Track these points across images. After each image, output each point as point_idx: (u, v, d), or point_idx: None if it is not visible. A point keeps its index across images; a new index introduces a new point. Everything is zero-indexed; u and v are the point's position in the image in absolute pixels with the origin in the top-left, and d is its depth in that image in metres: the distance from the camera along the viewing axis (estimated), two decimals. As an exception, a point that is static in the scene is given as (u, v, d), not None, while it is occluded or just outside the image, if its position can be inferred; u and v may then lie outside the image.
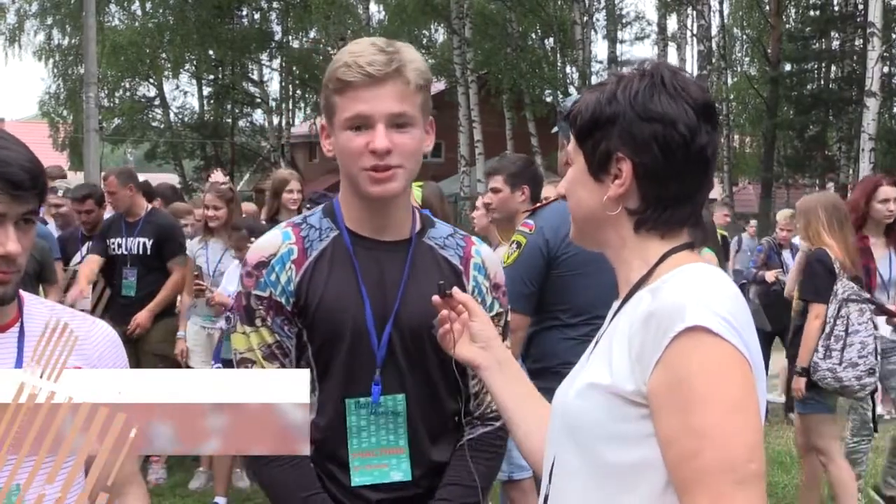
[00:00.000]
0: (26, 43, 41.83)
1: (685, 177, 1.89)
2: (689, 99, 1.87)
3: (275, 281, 2.52)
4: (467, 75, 32.21)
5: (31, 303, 2.36)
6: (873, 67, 24.43)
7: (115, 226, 8.19)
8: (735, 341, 1.69)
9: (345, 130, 2.45)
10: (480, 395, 2.66)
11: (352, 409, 2.52)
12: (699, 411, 1.65)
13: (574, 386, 1.89)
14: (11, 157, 2.11)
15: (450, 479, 2.58)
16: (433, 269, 2.61)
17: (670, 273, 1.84)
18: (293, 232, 2.58)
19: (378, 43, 2.48)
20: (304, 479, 2.50)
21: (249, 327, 2.54)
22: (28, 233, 2.18)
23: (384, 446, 2.55)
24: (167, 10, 40.04)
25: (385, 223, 2.57)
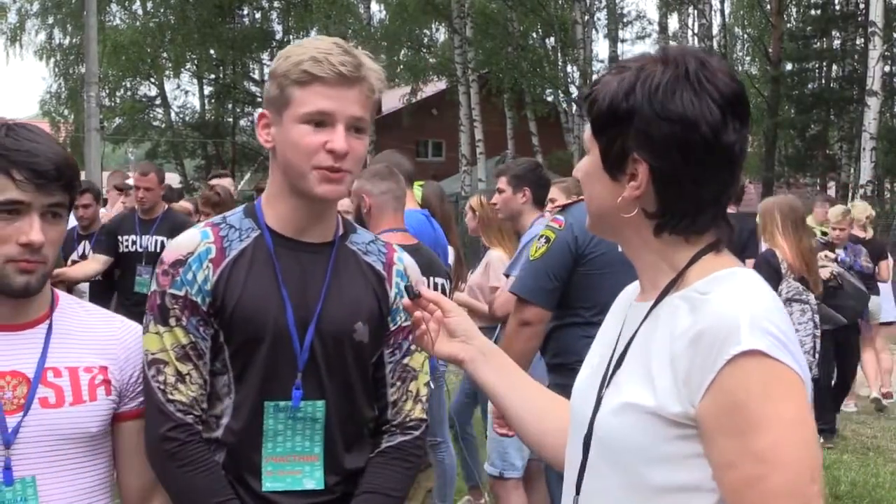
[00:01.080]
0: (27, 42, 41.87)
1: (708, 180, 1.78)
2: (716, 93, 1.75)
3: (191, 280, 2.44)
4: (468, 74, 32.14)
5: (65, 303, 2.38)
6: (874, 67, 24.38)
7: (128, 223, 8.23)
8: (788, 360, 1.64)
9: (299, 124, 2.39)
10: (399, 404, 2.62)
11: (270, 412, 2.47)
12: (760, 436, 1.61)
13: (608, 404, 1.81)
14: (39, 149, 2.16)
15: (367, 486, 2.54)
16: (356, 274, 2.58)
17: (705, 281, 1.76)
18: (212, 231, 2.51)
19: (342, 44, 2.44)
20: (216, 482, 2.44)
21: (163, 327, 2.44)
22: (56, 226, 2.22)
23: (298, 452, 2.50)
24: (168, 10, 39.98)
25: (312, 224, 2.53)
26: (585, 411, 1.87)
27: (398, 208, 4.84)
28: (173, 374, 2.43)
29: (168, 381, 2.42)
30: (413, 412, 2.64)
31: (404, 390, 2.63)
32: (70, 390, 2.28)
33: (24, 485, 2.21)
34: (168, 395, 2.42)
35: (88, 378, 2.31)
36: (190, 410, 2.43)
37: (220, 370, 2.48)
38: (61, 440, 2.26)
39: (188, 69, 43.04)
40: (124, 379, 2.38)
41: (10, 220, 2.15)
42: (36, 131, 2.24)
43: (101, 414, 2.33)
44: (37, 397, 2.23)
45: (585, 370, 1.99)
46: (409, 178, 5.84)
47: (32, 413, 2.22)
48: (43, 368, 2.26)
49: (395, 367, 2.62)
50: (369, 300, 2.56)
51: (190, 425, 2.43)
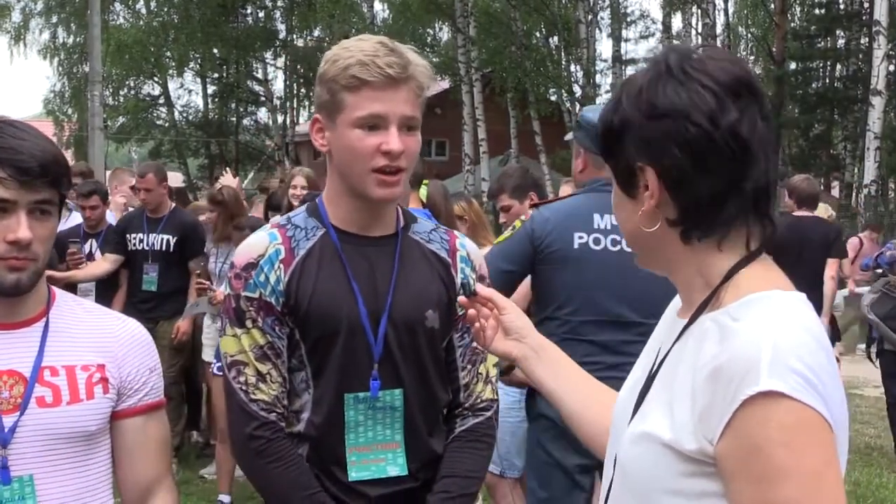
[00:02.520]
0: (31, 41, 41.92)
1: (717, 169, 1.67)
2: (707, 79, 1.67)
3: (264, 282, 2.49)
4: (472, 74, 32.20)
5: (62, 300, 2.38)
6: (879, 66, 24.40)
7: (136, 222, 8.27)
8: (813, 402, 1.52)
9: (354, 129, 2.44)
10: (471, 386, 2.67)
11: (350, 404, 2.52)
12: (778, 485, 1.51)
13: (632, 429, 1.76)
14: (23, 146, 2.15)
15: (447, 471, 2.59)
16: (422, 263, 2.62)
17: (738, 304, 1.66)
18: (279, 232, 2.56)
19: (387, 43, 2.48)
20: (302, 478, 2.49)
21: (240, 329, 2.51)
22: (45, 223, 2.21)
23: (380, 441, 2.55)
24: (172, 9, 40.10)
25: (373, 221, 2.58)
26: (621, 426, 1.83)
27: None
28: (254, 374, 2.50)
29: (249, 382, 2.49)
30: (484, 393, 2.69)
31: (475, 373, 2.68)
32: (67, 389, 2.27)
33: (21, 484, 2.21)
34: (251, 394, 2.49)
35: (86, 376, 2.31)
36: (273, 408, 2.50)
37: (297, 367, 2.54)
38: (59, 439, 2.25)
39: (191, 68, 43.17)
40: (122, 377, 2.37)
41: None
42: (23, 128, 2.23)
43: (100, 412, 2.32)
44: (34, 396, 2.22)
45: (629, 382, 1.94)
46: (418, 178, 5.86)
47: (29, 412, 2.21)
48: (39, 367, 2.25)
49: (465, 350, 2.67)
50: (437, 287, 2.61)
51: (274, 423, 2.50)
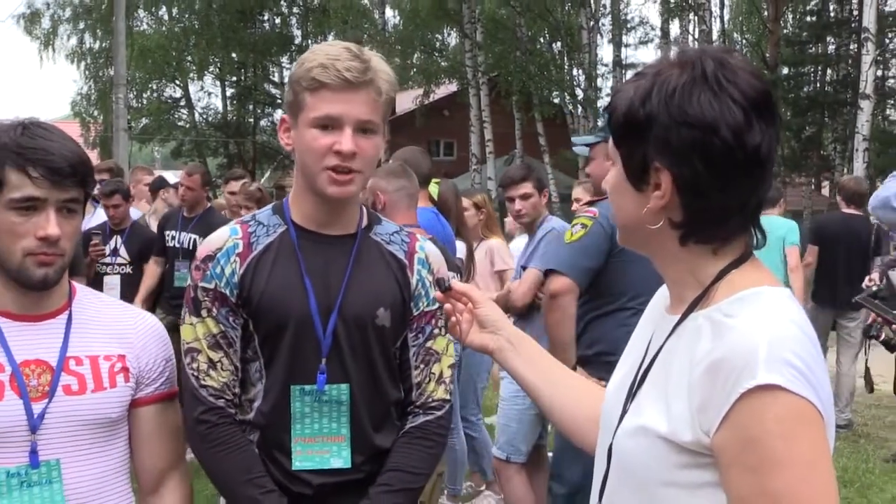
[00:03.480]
0: (60, 47, 41.83)
1: (734, 185, 1.64)
2: (737, 93, 1.62)
3: (219, 273, 2.51)
4: (478, 77, 32.13)
5: (83, 294, 2.40)
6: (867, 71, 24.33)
7: (173, 220, 8.41)
8: (807, 394, 1.52)
9: (311, 128, 2.45)
10: (423, 385, 2.65)
11: (296, 395, 2.51)
12: (774, 474, 1.51)
13: (627, 423, 1.74)
14: (53, 147, 2.17)
15: (392, 464, 2.58)
16: (378, 263, 2.61)
17: (730, 301, 1.65)
18: (241, 228, 2.58)
19: (353, 49, 2.48)
20: (247, 461, 2.49)
21: (196, 318, 2.53)
22: (71, 220, 2.23)
23: (326, 434, 2.54)
24: (193, 15, 40.05)
25: (333, 219, 2.57)
26: (612, 420, 1.81)
27: (411, 206, 4.86)
28: (205, 361, 2.51)
29: (201, 368, 2.50)
30: (435, 393, 2.66)
31: (427, 372, 2.66)
32: (91, 378, 2.29)
33: (49, 467, 2.23)
34: (201, 380, 2.50)
35: (108, 366, 2.33)
36: (221, 395, 2.50)
37: (251, 357, 2.55)
38: (84, 425, 2.27)
39: (211, 72, 43.11)
40: (141, 366, 2.39)
41: (27, 216, 2.17)
42: (51, 129, 2.24)
43: (121, 400, 2.35)
44: (60, 385, 2.24)
45: (617, 376, 1.92)
46: (426, 176, 5.87)
47: (56, 400, 2.23)
48: (65, 357, 2.27)
49: (419, 350, 2.65)
50: (391, 287, 2.60)
51: (221, 408, 2.50)
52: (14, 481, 2.19)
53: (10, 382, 2.20)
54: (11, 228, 2.17)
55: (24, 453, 2.20)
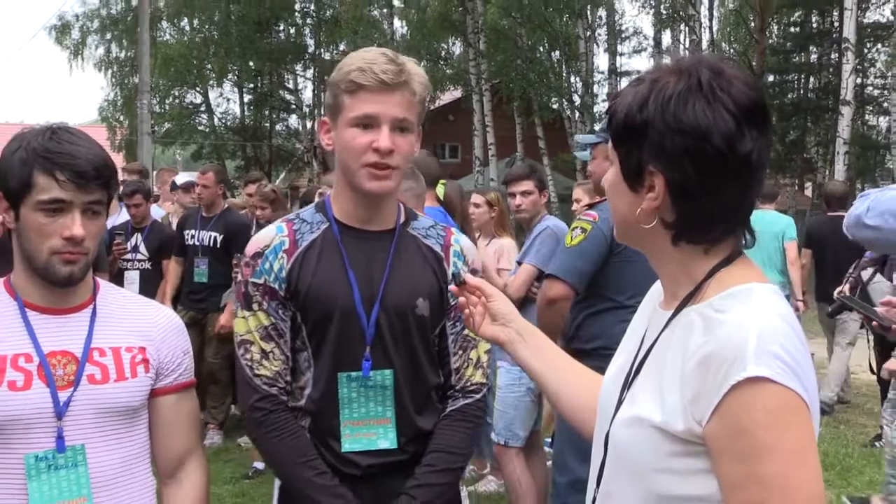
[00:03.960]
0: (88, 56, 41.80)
1: (724, 190, 1.64)
2: (731, 103, 1.61)
3: (268, 269, 2.52)
4: (482, 84, 32.11)
5: (105, 289, 2.41)
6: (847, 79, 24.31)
7: (192, 219, 8.40)
8: (794, 385, 1.53)
9: (350, 128, 2.46)
10: (461, 370, 2.66)
11: (343, 382, 2.53)
12: (763, 462, 1.51)
13: (623, 413, 1.74)
14: (79, 152, 2.17)
15: (435, 446, 2.58)
16: (416, 256, 2.62)
17: (721, 296, 1.65)
18: (286, 226, 2.60)
19: (388, 53, 2.50)
20: (301, 446, 2.50)
21: (248, 311, 2.54)
22: (95, 221, 2.24)
23: (373, 417, 2.55)
24: (212, 26, 40.04)
25: (373, 215, 2.58)
26: (609, 409, 1.81)
27: (418, 205, 4.87)
28: (258, 351, 2.52)
29: (254, 359, 2.52)
30: (474, 377, 2.68)
31: (465, 358, 2.67)
32: (114, 368, 2.30)
33: (74, 452, 2.24)
34: (255, 370, 2.51)
35: (130, 357, 2.33)
36: (274, 383, 2.52)
37: (300, 347, 2.56)
38: (107, 413, 2.28)
39: (230, 79, 43.08)
40: (160, 358, 2.40)
41: (54, 217, 2.17)
42: (77, 134, 2.24)
43: (141, 389, 2.35)
44: (85, 374, 2.25)
45: (613, 367, 1.92)
46: (435, 177, 5.88)
47: (81, 388, 2.24)
48: (90, 348, 2.28)
49: (457, 337, 2.66)
50: (429, 278, 2.62)
51: (275, 396, 2.51)
52: (42, 465, 2.20)
53: (37, 372, 2.20)
54: (39, 228, 2.18)
55: (51, 439, 2.20)
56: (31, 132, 2.23)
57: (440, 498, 2.55)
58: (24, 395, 2.19)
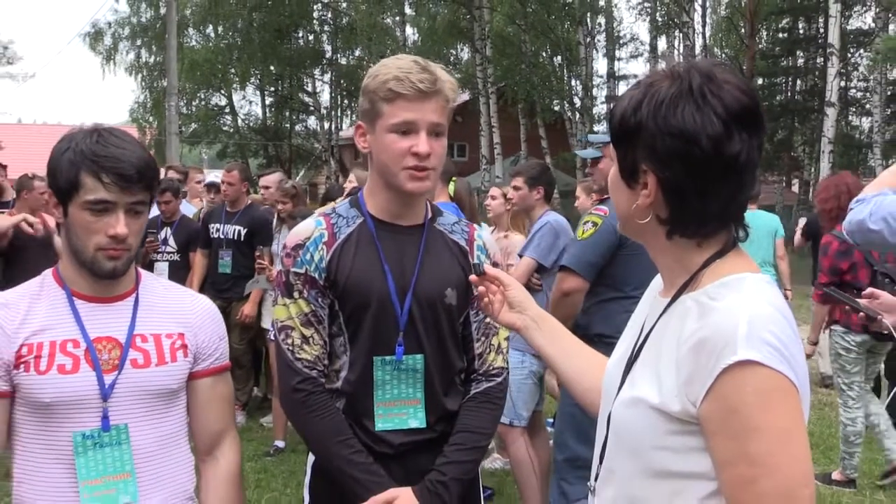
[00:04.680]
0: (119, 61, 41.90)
1: (714, 190, 1.62)
2: (720, 107, 1.59)
3: (309, 260, 2.52)
4: (488, 88, 32.04)
5: (147, 279, 2.42)
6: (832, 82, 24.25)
7: (217, 213, 8.40)
8: (783, 368, 1.52)
9: (389, 133, 2.46)
10: (484, 356, 2.67)
11: (378, 365, 2.53)
12: (754, 441, 1.50)
13: (623, 394, 1.74)
14: (124, 155, 2.17)
15: (462, 426, 2.59)
16: (444, 249, 2.63)
17: (715, 285, 1.64)
18: (324, 220, 2.59)
19: (420, 62, 2.49)
20: (339, 426, 2.50)
21: (289, 299, 2.53)
22: (138, 219, 2.25)
23: (404, 398, 2.56)
24: (236, 33, 40.03)
25: (406, 212, 2.59)
26: (612, 391, 1.81)
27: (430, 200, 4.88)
28: (299, 337, 2.52)
29: (295, 343, 2.52)
30: (496, 362, 2.69)
31: (487, 344, 2.68)
32: (155, 353, 2.31)
33: (118, 430, 2.24)
34: (296, 354, 2.52)
35: (170, 343, 2.34)
36: (314, 366, 2.52)
37: (336, 333, 2.56)
38: (148, 394, 2.29)
39: (252, 83, 43.17)
40: (198, 344, 2.40)
41: (99, 216, 2.18)
42: (122, 137, 2.25)
43: (180, 373, 2.36)
44: (128, 359, 2.26)
45: (616, 352, 1.91)
46: (447, 174, 5.89)
47: (125, 372, 2.25)
48: (133, 335, 2.29)
49: (480, 325, 2.67)
50: (456, 270, 2.62)
51: (315, 378, 2.52)
52: (89, 442, 2.21)
53: (84, 357, 2.21)
54: (86, 226, 2.19)
55: (97, 418, 2.21)
56: (79, 133, 2.23)
57: (467, 475, 2.56)
58: (72, 378, 2.20)
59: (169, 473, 2.34)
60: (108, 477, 2.23)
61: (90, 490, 2.21)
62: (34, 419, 2.22)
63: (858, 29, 36.75)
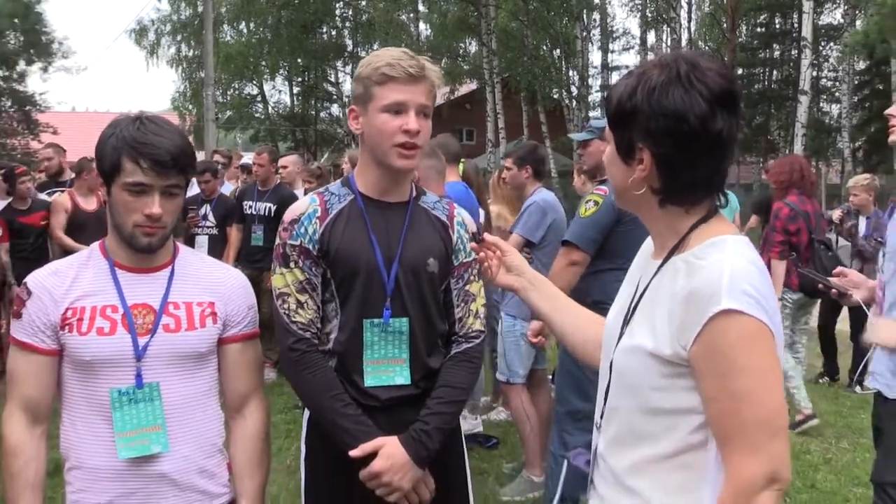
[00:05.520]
0: (162, 54, 41.83)
1: (701, 162, 1.69)
2: (705, 90, 1.65)
3: (304, 233, 2.52)
4: (493, 78, 31.96)
5: (184, 253, 2.42)
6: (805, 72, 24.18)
7: (249, 192, 8.48)
8: (761, 316, 1.59)
9: (381, 113, 2.46)
10: (464, 319, 2.66)
11: (367, 327, 2.53)
12: (736, 378, 1.58)
13: (623, 343, 1.80)
14: (161, 143, 2.17)
15: (443, 381, 2.59)
16: (427, 224, 2.63)
17: (701, 246, 1.71)
18: (318, 197, 2.60)
19: (408, 52, 2.52)
20: (329, 381, 2.50)
21: (285, 268, 2.53)
22: (172, 200, 2.24)
23: (390, 357, 2.56)
24: (266, 29, 39.96)
25: (392, 188, 2.59)
26: (612, 342, 1.86)
27: (439, 180, 4.87)
28: (294, 302, 2.52)
29: (291, 308, 2.52)
30: (473, 325, 2.68)
31: (466, 309, 2.67)
32: (185, 319, 2.31)
33: (151, 388, 2.25)
34: (291, 317, 2.51)
35: (200, 311, 2.34)
36: (308, 328, 2.52)
37: (328, 299, 2.56)
38: (178, 356, 2.29)
39: (281, 74, 43.04)
40: (228, 312, 2.40)
41: (137, 197, 2.19)
42: (161, 124, 2.24)
43: (209, 338, 2.36)
44: (161, 324, 2.27)
45: (614, 309, 1.95)
46: (456, 156, 5.85)
47: (157, 335, 2.25)
48: (166, 302, 2.30)
49: (459, 292, 2.66)
50: (437, 242, 2.62)
51: (308, 339, 2.51)
52: (124, 398, 2.22)
53: (121, 321, 2.23)
54: (125, 205, 2.20)
55: (132, 376, 2.22)
56: (123, 120, 2.23)
57: (448, 424, 2.56)
58: (109, 340, 2.21)
59: (198, 427, 2.34)
60: (141, 429, 2.25)
61: (126, 441, 2.24)
62: (77, 375, 2.25)
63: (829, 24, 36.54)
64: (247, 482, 2.42)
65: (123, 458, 2.22)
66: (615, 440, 1.83)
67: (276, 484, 5.48)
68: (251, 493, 2.43)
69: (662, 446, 1.72)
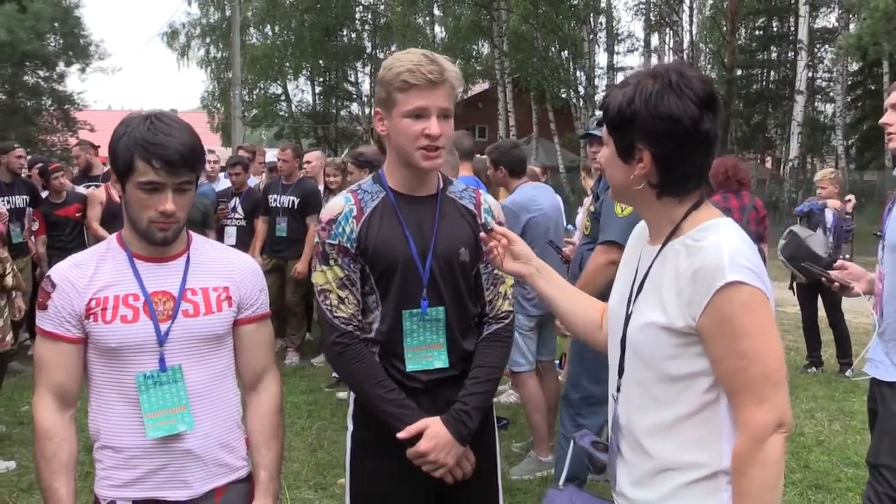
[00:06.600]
0: (192, 56, 41.98)
1: (693, 157, 1.84)
2: (693, 95, 1.80)
3: (341, 232, 2.51)
4: (505, 78, 31.90)
5: (198, 241, 2.41)
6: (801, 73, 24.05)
7: (274, 185, 8.48)
8: (759, 285, 1.74)
9: (404, 118, 2.45)
10: (493, 301, 2.67)
11: (406, 317, 2.53)
12: (742, 340, 1.73)
13: (633, 322, 1.90)
14: (171, 142, 2.15)
15: (478, 363, 2.61)
16: (456, 214, 2.62)
17: (696, 230, 1.84)
18: (352, 196, 2.58)
19: (428, 55, 2.48)
20: (373, 370, 2.51)
21: (325, 266, 2.53)
22: (184, 196, 2.22)
23: (429, 343, 2.57)
24: (290, 32, 40.01)
25: (420, 185, 2.58)
26: (617, 322, 1.98)
27: (454, 175, 4.85)
28: (336, 298, 2.52)
29: (333, 304, 2.52)
30: (503, 306, 2.69)
31: (496, 292, 2.68)
32: (203, 304, 2.30)
33: (173, 370, 2.25)
34: (334, 312, 2.52)
35: (216, 295, 2.33)
36: (350, 322, 2.52)
37: (369, 292, 2.56)
38: (198, 339, 2.28)
39: (304, 74, 43.09)
40: (241, 295, 2.39)
41: (151, 194, 2.17)
42: (171, 123, 2.20)
43: (225, 320, 2.35)
44: (180, 309, 2.26)
45: (616, 292, 2.05)
46: (469, 152, 5.81)
47: (178, 321, 2.25)
48: (184, 289, 2.29)
49: (489, 276, 2.67)
50: (467, 231, 2.61)
51: (351, 332, 2.52)
52: (150, 381, 2.22)
53: (143, 308, 2.22)
54: (139, 202, 2.18)
55: (155, 361, 2.22)
56: (134, 119, 2.20)
57: (484, 403, 2.59)
58: (132, 327, 2.20)
59: (219, 405, 2.34)
60: (167, 410, 2.25)
61: (153, 421, 2.23)
62: (103, 361, 2.25)
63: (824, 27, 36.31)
64: (264, 452, 2.42)
65: (151, 437, 2.23)
66: (636, 408, 1.92)
67: (299, 461, 5.53)
68: (269, 462, 2.43)
69: (680, 407, 1.83)
